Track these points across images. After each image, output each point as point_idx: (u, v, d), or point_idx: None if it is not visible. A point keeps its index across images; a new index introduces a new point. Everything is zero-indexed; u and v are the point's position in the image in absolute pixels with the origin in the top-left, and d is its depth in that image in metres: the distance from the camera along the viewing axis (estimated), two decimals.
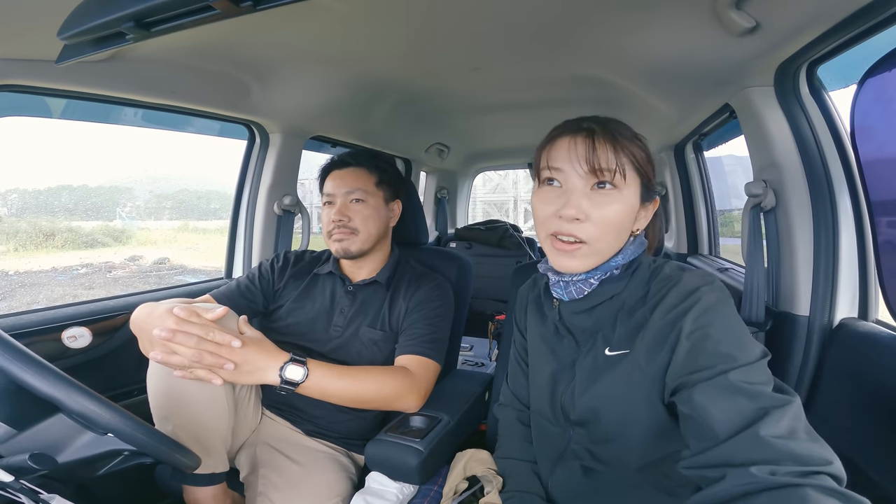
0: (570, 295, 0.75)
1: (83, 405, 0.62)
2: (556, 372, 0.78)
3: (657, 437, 0.67)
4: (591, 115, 0.74)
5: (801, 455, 0.48)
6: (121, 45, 0.62)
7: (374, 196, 1.20)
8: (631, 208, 0.70)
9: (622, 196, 0.68)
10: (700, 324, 0.61)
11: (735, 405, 0.53)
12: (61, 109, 1.21)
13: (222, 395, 0.95)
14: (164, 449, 0.70)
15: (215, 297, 1.16)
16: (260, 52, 1.16)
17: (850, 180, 0.99)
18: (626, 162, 0.68)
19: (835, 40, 0.85)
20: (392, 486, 0.91)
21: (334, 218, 1.15)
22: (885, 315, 0.95)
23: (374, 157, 1.26)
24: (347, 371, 0.95)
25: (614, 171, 0.67)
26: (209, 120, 1.50)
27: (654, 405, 0.66)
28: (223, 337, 0.81)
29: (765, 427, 0.50)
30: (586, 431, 0.73)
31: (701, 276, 0.68)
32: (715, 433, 0.53)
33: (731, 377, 0.55)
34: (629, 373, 0.67)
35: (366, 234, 1.17)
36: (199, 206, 3.40)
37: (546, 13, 1.01)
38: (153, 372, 0.93)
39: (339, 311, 1.18)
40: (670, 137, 1.91)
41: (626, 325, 0.70)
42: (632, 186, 0.69)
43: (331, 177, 1.22)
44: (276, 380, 0.86)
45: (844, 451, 0.86)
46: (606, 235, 0.69)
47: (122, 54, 1.02)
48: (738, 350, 0.57)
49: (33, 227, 2.49)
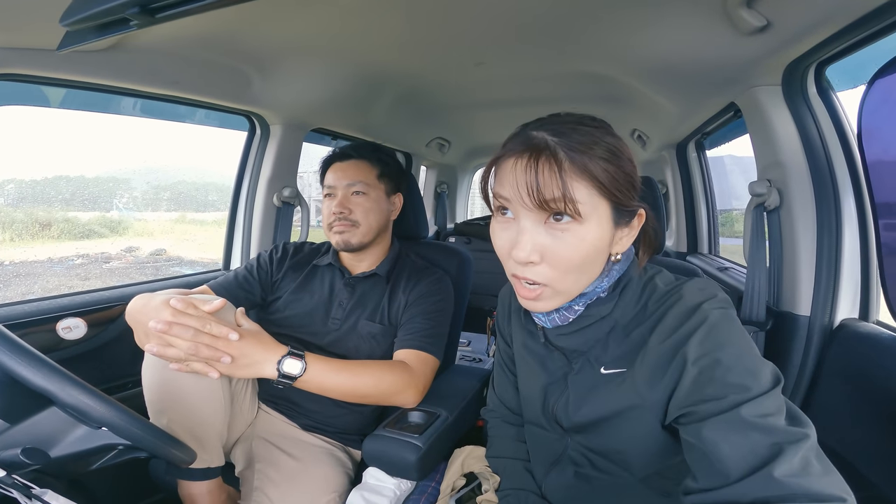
0: (553, 322, 0.68)
1: (77, 398, 0.61)
2: (546, 385, 0.74)
3: (657, 454, 0.65)
4: (548, 116, 0.63)
5: (815, 493, 0.46)
6: (125, 32, 0.61)
7: (375, 189, 1.19)
8: (597, 239, 0.58)
9: (583, 229, 0.57)
10: (707, 349, 0.55)
11: (748, 442, 0.50)
12: (60, 99, 1.19)
13: (218, 389, 0.94)
14: (158, 443, 0.69)
15: (213, 287, 1.15)
16: (262, 43, 1.15)
17: (855, 181, 0.99)
18: (581, 187, 0.55)
19: (845, 41, 0.84)
20: (389, 482, 0.90)
21: (335, 210, 1.15)
22: (886, 316, 0.95)
23: (375, 149, 1.25)
24: (345, 365, 0.94)
25: (563, 200, 0.55)
26: (210, 111, 1.48)
27: (654, 428, 0.62)
28: (220, 329, 0.80)
29: (779, 467, 0.47)
30: (584, 438, 0.71)
31: (701, 288, 0.61)
32: (727, 472, 0.50)
33: (744, 412, 0.51)
34: (626, 394, 0.63)
35: (366, 227, 1.16)
36: (196, 198, 3.37)
37: (554, 10, 1.00)
38: (148, 364, 0.92)
39: (338, 304, 1.17)
40: (673, 135, 1.90)
41: (622, 345, 0.65)
42: (596, 213, 0.57)
43: (332, 169, 1.21)
44: (273, 373, 0.85)
45: (842, 452, 0.87)
46: (567, 276, 0.59)
47: (123, 44, 1.01)
48: (750, 378, 0.52)
49: (29, 217, 2.46)
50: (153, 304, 0.86)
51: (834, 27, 0.81)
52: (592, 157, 0.56)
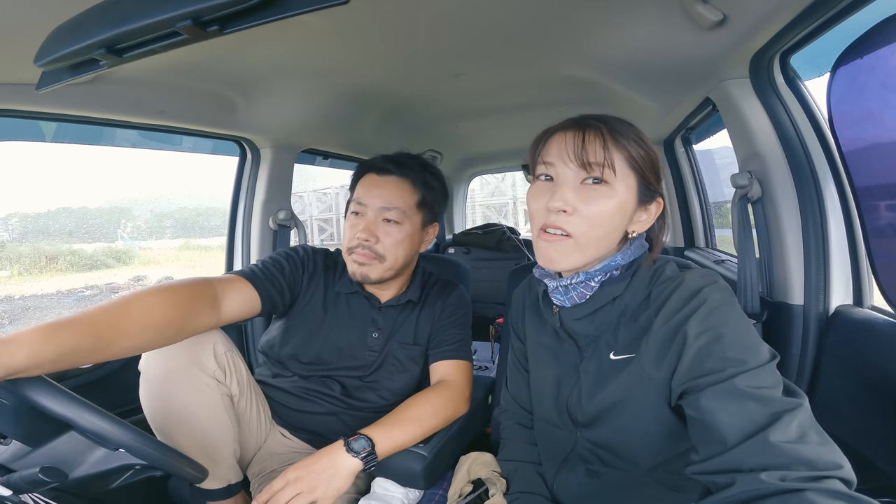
0: (572, 300, 0.73)
1: (96, 424, 0.64)
2: (559, 376, 0.77)
3: (666, 439, 0.66)
4: (593, 114, 0.72)
5: (811, 460, 0.48)
6: (97, 71, 0.63)
7: (411, 219, 1.03)
8: (622, 205, 0.67)
9: (613, 192, 0.66)
10: (706, 326, 0.59)
11: (744, 410, 0.52)
12: (53, 133, 1.22)
13: (220, 405, 0.95)
14: (174, 463, 0.72)
15: (247, 277, 0.99)
16: (244, 68, 1.17)
17: (834, 168, 0.99)
18: (619, 157, 0.66)
19: (803, 28, 0.85)
20: (397, 492, 0.92)
21: (360, 235, 1.00)
22: (881, 301, 0.94)
23: (423, 168, 1.07)
24: (400, 415, 0.92)
25: (603, 164, 0.65)
26: (201, 138, 1.51)
27: (662, 409, 0.65)
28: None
29: (775, 432, 0.49)
30: (593, 433, 0.72)
31: (702, 275, 0.66)
32: (724, 438, 0.52)
33: (740, 381, 0.54)
34: (636, 377, 0.66)
35: (392, 262, 1.02)
36: (199, 224, 3.43)
37: (522, 14, 1.02)
38: (145, 389, 0.92)
39: (372, 333, 1.10)
40: (658, 133, 1.92)
41: (631, 330, 0.69)
42: (624, 183, 0.67)
43: (366, 181, 1.04)
44: (356, 461, 0.82)
45: (846, 438, 0.86)
46: (594, 231, 0.66)
47: (105, 76, 1.04)
48: (747, 353, 0.56)
49: (36, 251, 2.52)
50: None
51: (788, 15, 0.83)
52: (628, 138, 0.67)
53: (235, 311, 0.93)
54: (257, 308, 0.99)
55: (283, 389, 1.10)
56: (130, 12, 0.53)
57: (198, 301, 0.84)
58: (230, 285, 0.94)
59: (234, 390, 1.00)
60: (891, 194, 0.85)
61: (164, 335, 0.79)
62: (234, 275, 0.98)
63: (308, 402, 1.09)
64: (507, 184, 9.47)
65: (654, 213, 0.71)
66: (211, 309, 0.87)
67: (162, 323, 0.77)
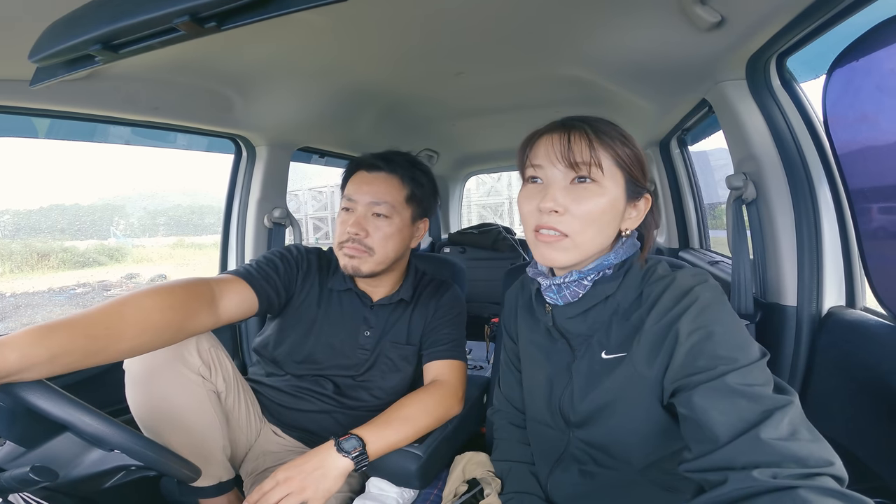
0: (565, 299, 0.73)
1: (94, 426, 0.64)
2: (551, 376, 0.77)
3: (658, 438, 0.67)
4: (577, 115, 0.73)
5: (802, 457, 0.48)
6: (92, 67, 0.63)
7: (400, 214, 1.05)
8: (612, 203, 0.68)
9: (602, 189, 0.67)
10: (697, 325, 0.60)
11: (735, 407, 0.53)
12: (46, 129, 1.21)
13: (207, 403, 0.94)
14: (169, 464, 0.72)
15: (243, 277, 0.99)
16: (240, 65, 1.17)
17: (828, 170, 1.00)
18: (605, 156, 0.67)
19: (800, 31, 0.86)
20: (392, 491, 0.92)
21: (350, 230, 1.02)
22: (873, 302, 0.95)
23: (411, 165, 1.09)
24: (392, 415, 0.93)
25: (590, 163, 0.66)
26: (196, 135, 1.50)
27: (655, 408, 0.65)
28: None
29: (766, 430, 0.50)
30: (586, 433, 0.73)
31: (693, 274, 0.67)
32: (716, 436, 0.52)
33: (731, 379, 0.54)
34: (628, 376, 0.66)
35: (382, 256, 1.04)
36: (192, 222, 3.41)
37: (521, 14, 1.03)
38: (132, 387, 0.91)
39: (364, 332, 1.10)
40: (654, 134, 1.93)
41: (623, 329, 0.69)
42: (613, 180, 0.68)
43: (356, 178, 1.07)
44: (347, 461, 0.83)
45: (838, 439, 0.86)
46: (587, 229, 0.67)
47: (100, 72, 1.03)
48: (738, 351, 0.56)
49: (27, 248, 2.49)
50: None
51: (786, 17, 0.83)
52: (613, 138, 0.68)
53: (233, 311, 0.93)
54: (254, 308, 0.98)
55: (277, 388, 1.10)
56: (128, 8, 0.53)
57: (196, 302, 0.84)
58: (227, 285, 0.94)
59: (220, 387, 0.99)
60: (884, 197, 0.86)
61: (162, 337, 0.78)
62: (230, 275, 0.98)
63: (301, 401, 1.08)
64: (502, 184, 9.48)
65: (644, 210, 0.73)
66: (209, 309, 0.87)
67: (161, 325, 0.76)
